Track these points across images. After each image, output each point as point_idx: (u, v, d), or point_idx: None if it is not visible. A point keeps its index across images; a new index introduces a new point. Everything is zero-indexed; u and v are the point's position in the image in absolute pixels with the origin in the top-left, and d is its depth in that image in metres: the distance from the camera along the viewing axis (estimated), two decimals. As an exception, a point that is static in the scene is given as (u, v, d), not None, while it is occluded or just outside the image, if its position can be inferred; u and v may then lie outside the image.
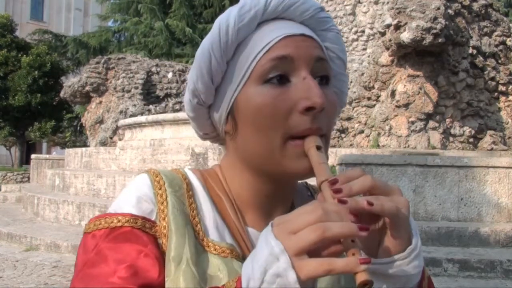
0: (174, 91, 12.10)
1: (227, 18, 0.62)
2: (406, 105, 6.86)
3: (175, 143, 8.33)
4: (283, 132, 0.59)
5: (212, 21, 22.67)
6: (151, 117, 9.42)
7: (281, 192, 0.67)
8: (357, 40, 10.58)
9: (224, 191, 0.67)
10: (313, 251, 0.47)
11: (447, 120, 6.96)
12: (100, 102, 12.17)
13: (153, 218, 0.61)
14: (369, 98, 7.35)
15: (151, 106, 11.30)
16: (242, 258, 0.61)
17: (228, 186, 0.67)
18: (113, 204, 0.63)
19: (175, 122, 8.75)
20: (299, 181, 0.72)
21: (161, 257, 0.59)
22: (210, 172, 0.70)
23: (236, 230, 0.64)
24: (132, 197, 0.62)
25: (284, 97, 0.59)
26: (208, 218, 0.63)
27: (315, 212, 0.47)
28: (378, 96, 7.28)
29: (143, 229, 0.59)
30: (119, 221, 0.59)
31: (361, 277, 0.45)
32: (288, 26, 0.63)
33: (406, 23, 6.32)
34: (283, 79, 0.60)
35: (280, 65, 0.59)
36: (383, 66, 7.18)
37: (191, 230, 0.61)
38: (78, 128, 22.22)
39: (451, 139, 6.97)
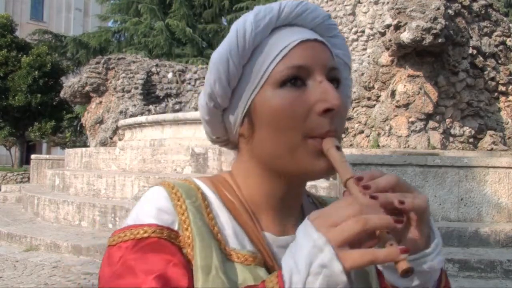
0: (174, 91, 12.10)
1: (244, 24, 0.64)
2: (406, 105, 6.86)
3: (175, 143, 8.34)
4: (303, 132, 0.61)
5: (212, 21, 22.69)
6: (151, 117, 9.42)
7: (293, 195, 0.68)
8: (357, 40, 10.58)
9: (237, 197, 0.67)
10: (352, 244, 0.49)
11: (447, 120, 6.96)
12: (100, 102, 12.17)
13: (175, 229, 0.61)
14: (369, 98, 7.35)
15: (151, 106, 11.30)
16: (264, 264, 0.62)
17: (241, 191, 0.68)
18: (130, 217, 0.63)
19: (175, 122, 8.76)
20: None
21: (188, 266, 0.59)
22: (219, 179, 0.70)
23: (255, 236, 0.65)
24: (151, 209, 0.62)
25: (302, 100, 0.61)
26: (227, 227, 0.64)
27: (354, 206, 0.50)
28: (378, 96, 7.28)
29: (169, 239, 0.60)
30: (145, 232, 0.59)
31: (403, 265, 0.47)
32: (302, 32, 0.65)
33: (406, 23, 6.32)
34: (299, 82, 0.62)
35: (297, 71, 0.62)
36: (383, 66, 7.18)
37: (215, 240, 0.62)
38: (78, 128, 22.22)
39: (451, 139, 6.97)
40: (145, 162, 7.61)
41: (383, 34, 7.06)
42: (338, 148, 0.60)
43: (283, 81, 0.62)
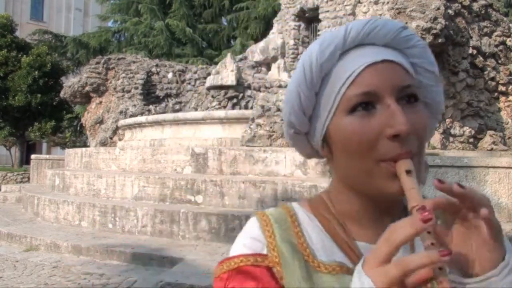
0: (174, 91, 12.10)
1: (310, 56, 0.66)
2: (406, 105, 6.86)
3: (175, 143, 8.33)
4: (375, 157, 0.62)
5: (212, 21, 22.67)
6: (151, 117, 9.41)
7: (384, 209, 0.69)
8: (357, 40, 10.59)
9: (331, 213, 0.71)
10: (402, 282, 0.51)
11: (447, 120, 6.96)
12: (100, 102, 12.18)
13: (264, 252, 0.67)
14: (369, 98, 7.35)
15: (151, 106, 11.30)
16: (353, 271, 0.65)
17: (335, 207, 0.71)
18: (232, 248, 0.71)
19: (175, 122, 8.76)
20: None
21: (277, 285, 0.65)
22: (316, 199, 0.75)
23: (346, 245, 0.68)
24: (246, 239, 0.70)
25: (371, 125, 0.62)
26: (316, 242, 0.69)
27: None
28: (378, 96, 7.29)
29: (255, 264, 0.66)
30: (235, 263, 0.67)
31: None
32: (370, 53, 0.65)
33: (406, 23, 6.31)
34: (368, 106, 0.63)
35: (365, 98, 0.63)
36: (383, 66, 7.18)
37: (300, 255, 0.67)
38: (78, 128, 22.22)
39: (451, 139, 6.97)
40: (145, 162, 7.61)
41: (383, 34, 7.06)
42: (409, 172, 0.60)
43: (352, 108, 0.63)
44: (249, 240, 0.69)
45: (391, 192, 0.63)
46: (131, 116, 10.70)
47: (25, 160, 22.13)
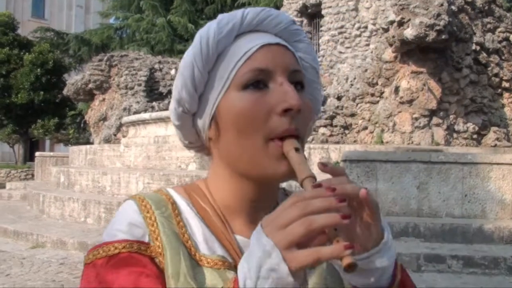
0: (177, 88, 12.11)
1: (207, 32, 0.67)
2: (410, 102, 6.87)
3: (179, 140, 8.34)
4: (264, 134, 0.63)
5: (214, 17, 22.36)
6: (155, 114, 9.44)
7: (264, 197, 0.69)
8: (360, 36, 10.57)
9: (209, 203, 0.69)
10: (302, 243, 0.51)
11: (450, 116, 6.97)
12: (104, 99, 12.20)
13: (146, 241, 0.64)
14: (372, 95, 7.36)
15: (154, 103, 11.32)
16: (234, 267, 0.64)
17: (213, 197, 0.70)
18: (105, 233, 0.66)
19: (179, 119, 8.76)
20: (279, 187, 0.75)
21: (161, 275, 0.62)
22: (193, 187, 0.72)
23: (226, 240, 0.67)
24: (123, 224, 0.65)
25: (263, 101, 0.63)
26: (198, 234, 0.66)
27: (299, 205, 0.51)
28: (382, 93, 7.28)
29: (139, 252, 0.62)
30: (116, 248, 0.62)
31: (346, 261, 0.49)
32: (264, 37, 0.67)
33: (409, 20, 6.32)
34: (260, 85, 0.64)
35: (259, 74, 0.64)
36: (386, 62, 7.18)
37: (183, 247, 0.64)
38: (82, 125, 22.25)
39: (455, 135, 6.98)
40: (150, 159, 7.64)
41: (386, 30, 7.06)
42: (297, 150, 0.61)
43: (245, 84, 0.64)
44: (127, 226, 0.64)
45: (277, 172, 0.63)
46: (135, 113, 10.73)
47: (29, 157, 22.21)
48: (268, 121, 0.62)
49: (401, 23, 6.44)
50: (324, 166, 0.57)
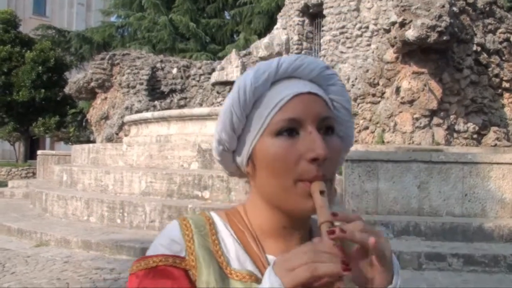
0: (178, 87, 12.16)
1: (245, 80, 0.74)
2: (411, 102, 6.91)
3: (181, 139, 8.40)
4: (294, 177, 0.70)
5: (215, 15, 22.67)
6: (157, 113, 9.48)
7: (296, 225, 0.78)
8: (361, 36, 10.61)
9: (246, 226, 0.78)
10: (306, 285, 0.59)
11: (451, 116, 7.02)
12: (105, 98, 12.25)
13: (182, 255, 0.73)
14: (373, 95, 7.41)
15: (156, 102, 11.37)
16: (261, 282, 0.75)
17: (250, 221, 0.79)
18: (151, 247, 0.75)
19: (181, 118, 8.82)
20: None
21: (191, 286, 0.71)
22: (233, 211, 0.82)
23: (258, 258, 0.75)
24: (165, 240, 0.75)
25: (294, 148, 0.70)
26: (231, 251, 0.75)
27: (309, 253, 0.60)
28: (383, 93, 7.33)
29: (174, 265, 0.72)
30: (154, 262, 0.72)
31: None
32: (297, 85, 0.74)
33: (411, 21, 6.36)
34: (292, 132, 0.71)
35: (290, 123, 0.71)
36: (387, 63, 7.23)
37: (215, 262, 0.73)
38: (83, 123, 22.29)
39: (455, 135, 7.03)
40: (152, 158, 7.69)
41: (387, 31, 7.11)
42: (322, 193, 0.68)
43: (278, 131, 0.71)
44: (168, 242, 0.74)
45: (304, 209, 0.70)
46: (137, 111, 10.77)
47: (29, 155, 22.25)
48: (298, 166, 0.70)
49: (402, 24, 6.48)
50: (335, 216, 0.65)
